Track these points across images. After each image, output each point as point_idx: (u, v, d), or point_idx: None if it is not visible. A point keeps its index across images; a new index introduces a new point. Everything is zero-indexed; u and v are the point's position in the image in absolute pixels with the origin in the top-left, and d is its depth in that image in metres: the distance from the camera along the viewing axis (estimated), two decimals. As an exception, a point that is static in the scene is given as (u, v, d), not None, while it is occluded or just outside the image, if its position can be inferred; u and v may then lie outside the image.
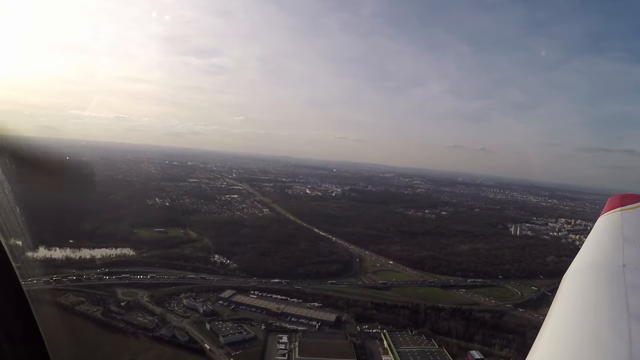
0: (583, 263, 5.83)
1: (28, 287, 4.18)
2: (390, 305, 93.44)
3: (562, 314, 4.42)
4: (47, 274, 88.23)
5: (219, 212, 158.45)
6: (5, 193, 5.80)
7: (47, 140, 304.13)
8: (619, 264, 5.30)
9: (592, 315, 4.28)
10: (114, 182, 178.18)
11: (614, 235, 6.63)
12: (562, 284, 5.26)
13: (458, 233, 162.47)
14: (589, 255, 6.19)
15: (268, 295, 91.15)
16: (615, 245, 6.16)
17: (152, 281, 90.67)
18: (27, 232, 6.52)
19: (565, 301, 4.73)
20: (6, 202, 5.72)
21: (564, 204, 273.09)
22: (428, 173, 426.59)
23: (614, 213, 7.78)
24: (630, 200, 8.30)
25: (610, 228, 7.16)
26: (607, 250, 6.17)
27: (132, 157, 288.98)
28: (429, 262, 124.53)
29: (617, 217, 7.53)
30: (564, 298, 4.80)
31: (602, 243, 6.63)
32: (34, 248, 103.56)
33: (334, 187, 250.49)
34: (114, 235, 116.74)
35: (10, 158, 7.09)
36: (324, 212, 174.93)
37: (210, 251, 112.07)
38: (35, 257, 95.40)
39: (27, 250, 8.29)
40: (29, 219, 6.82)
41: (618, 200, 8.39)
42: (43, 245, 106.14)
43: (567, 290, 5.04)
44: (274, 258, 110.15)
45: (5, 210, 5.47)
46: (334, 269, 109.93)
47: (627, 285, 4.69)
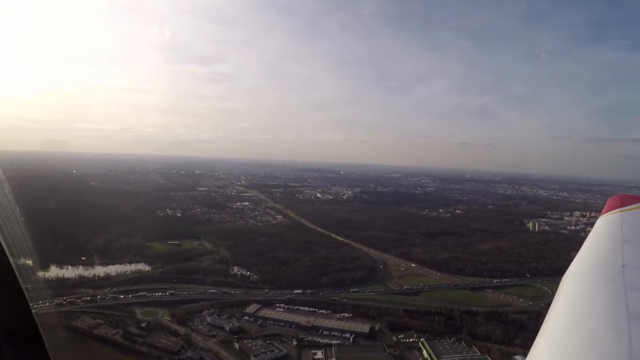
0: (582, 264, 5.69)
1: (41, 311, 4.15)
2: (424, 311, 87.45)
3: (561, 314, 4.35)
4: (60, 295, 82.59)
5: (232, 221, 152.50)
6: (13, 210, 5.41)
7: (54, 155, 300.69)
8: (619, 264, 5.17)
9: (592, 316, 4.19)
10: (123, 194, 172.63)
11: (614, 236, 6.43)
12: (562, 284, 5.14)
13: (477, 232, 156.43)
14: (588, 256, 6.06)
15: (295, 308, 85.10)
16: (614, 245, 5.98)
17: (171, 298, 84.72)
18: (38, 250, 6.72)
19: (565, 302, 4.65)
20: (13, 217, 5.30)
21: (575, 197, 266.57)
22: (435, 171, 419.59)
23: (613, 214, 7.53)
24: (629, 201, 8.02)
25: (610, 229, 6.92)
26: (606, 250, 6.01)
27: (138, 167, 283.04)
28: (453, 263, 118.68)
29: (616, 218, 7.30)
30: (563, 298, 4.71)
31: (601, 244, 6.47)
32: (45, 267, 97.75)
33: (344, 190, 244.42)
34: (128, 250, 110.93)
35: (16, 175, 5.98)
36: (338, 216, 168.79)
37: (228, 263, 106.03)
38: (47, 277, 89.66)
39: (38, 270, 9.15)
40: (40, 236, 6.76)
41: (617, 201, 8.11)
42: (55, 264, 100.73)
43: (566, 290, 4.94)
44: (295, 267, 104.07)
45: (12, 225, 5.04)
46: (359, 276, 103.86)
47: (627, 285, 4.55)
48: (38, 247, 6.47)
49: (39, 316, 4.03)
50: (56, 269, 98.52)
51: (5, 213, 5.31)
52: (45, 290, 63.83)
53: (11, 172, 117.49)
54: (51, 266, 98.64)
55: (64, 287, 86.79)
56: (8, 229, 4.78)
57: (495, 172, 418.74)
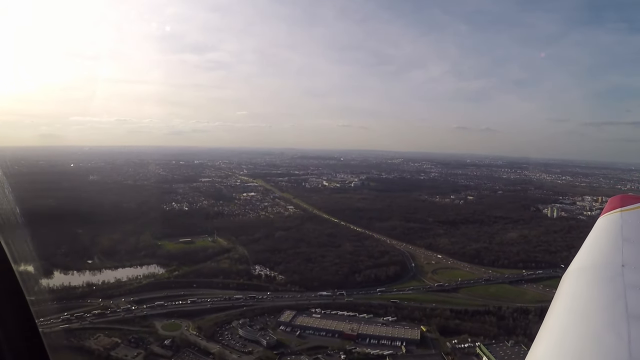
0: (583, 263, 5.59)
1: (47, 329, 3.79)
2: (472, 311, 78.13)
3: (561, 314, 4.28)
4: (67, 309, 70.48)
5: (243, 214, 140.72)
6: (13, 210, 5.05)
7: (50, 149, 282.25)
8: (619, 264, 5.08)
9: (592, 316, 4.13)
10: (124, 188, 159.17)
11: (614, 236, 6.29)
12: (562, 284, 5.05)
13: (497, 219, 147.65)
14: (588, 255, 5.91)
15: (333, 313, 74.77)
16: (614, 245, 5.84)
17: (194, 307, 73.43)
18: (39, 254, 5.76)
19: (564, 301, 4.58)
20: (14, 218, 4.93)
21: (579, 181, 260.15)
22: (435, 156, 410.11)
23: (613, 214, 7.31)
24: (630, 201, 7.73)
25: (610, 228, 6.76)
26: (606, 250, 5.86)
27: (137, 159, 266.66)
28: (485, 255, 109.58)
29: (617, 218, 7.08)
30: (563, 298, 4.64)
31: (601, 243, 6.30)
32: (48, 274, 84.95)
33: (350, 177, 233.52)
34: (137, 250, 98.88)
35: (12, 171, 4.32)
36: (351, 205, 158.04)
37: (249, 262, 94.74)
38: (51, 286, 76.97)
39: (40, 278, 7.20)
40: (40, 238, 5.58)
41: (618, 201, 7.80)
42: (58, 269, 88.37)
43: (566, 290, 4.87)
44: (322, 265, 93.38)
45: (13, 227, 4.67)
46: (392, 272, 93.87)
47: (627, 285, 4.48)
48: (39, 250, 4.97)
49: (46, 336, 3.64)
50: (60, 275, 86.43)
51: (6, 214, 4.71)
52: (49, 302, 51.47)
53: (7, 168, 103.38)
54: (54, 272, 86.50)
55: (70, 297, 74.79)
56: (9, 231, 4.13)
57: (495, 157, 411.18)
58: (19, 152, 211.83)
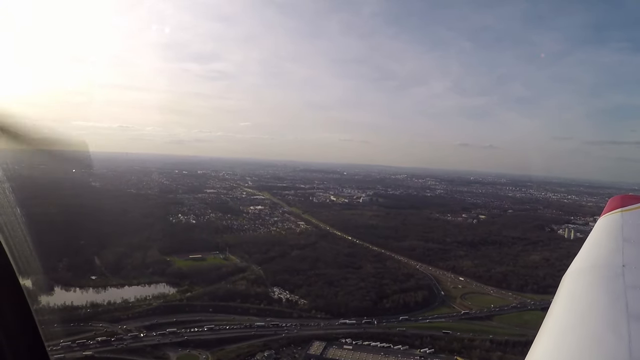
0: (583, 264, 5.50)
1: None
2: (513, 342, 70.55)
3: (561, 314, 4.24)
4: (68, 333, 61.69)
5: (253, 229, 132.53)
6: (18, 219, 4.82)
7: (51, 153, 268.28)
8: (619, 264, 4.98)
9: (592, 316, 4.07)
10: (128, 197, 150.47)
11: (614, 236, 6.13)
12: (562, 284, 4.97)
13: (515, 240, 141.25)
14: (588, 256, 5.79)
15: (366, 344, 66.79)
16: (615, 245, 5.73)
17: (212, 335, 65.03)
18: (40, 267, 5.23)
19: (564, 302, 4.52)
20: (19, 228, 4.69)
21: (585, 200, 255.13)
22: (438, 172, 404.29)
23: (614, 214, 7.13)
24: (630, 201, 7.53)
25: (610, 229, 6.59)
26: (606, 250, 5.74)
27: (139, 167, 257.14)
28: (512, 279, 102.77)
29: (617, 218, 6.90)
30: (563, 299, 4.58)
31: (602, 244, 6.15)
32: (48, 290, 76.19)
33: (356, 193, 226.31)
34: (144, 266, 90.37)
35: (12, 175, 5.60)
36: (364, 222, 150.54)
37: (266, 284, 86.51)
38: (51, 305, 67.98)
39: (40, 294, 7.37)
40: (40, 250, 5.25)
41: (618, 201, 7.60)
42: (59, 286, 79.52)
43: (566, 290, 4.80)
44: (346, 288, 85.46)
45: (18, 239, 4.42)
46: (420, 297, 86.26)
47: (627, 285, 4.40)
48: (39, 262, 4.81)
49: None
50: (61, 291, 77.61)
51: (11, 224, 4.38)
52: (49, 324, 42.83)
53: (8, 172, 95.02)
54: (55, 288, 77.62)
55: (72, 319, 66.05)
56: (14, 242, 3.87)
57: (498, 174, 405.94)
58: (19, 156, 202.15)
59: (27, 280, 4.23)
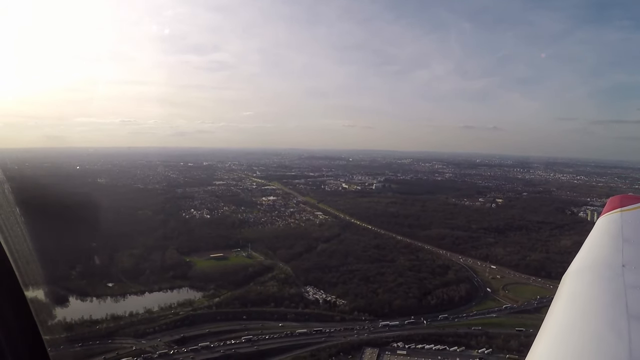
0: (582, 263, 5.39)
1: None
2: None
3: (561, 314, 4.19)
4: (89, 354, 53.93)
5: (271, 222, 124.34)
6: (20, 224, 4.59)
7: (54, 150, 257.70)
8: (619, 264, 4.92)
9: (592, 316, 4.03)
10: (136, 193, 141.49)
11: (614, 236, 5.95)
12: (562, 284, 4.85)
13: (540, 225, 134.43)
14: (588, 255, 5.67)
15: (419, 347, 59.60)
16: (614, 245, 5.62)
17: (251, 348, 57.38)
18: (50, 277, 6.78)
19: (564, 301, 4.44)
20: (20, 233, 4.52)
21: (595, 181, 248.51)
22: (443, 156, 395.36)
23: (613, 214, 6.87)
24: (630, 201, 7.28)
25: (610, 229, 6.35)
26: (606, 250, 5.63)
27: (143, 161, 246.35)
28: (549, 266, 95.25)
29: (616, 218, 6.65)
30: (563, 298, 4.49)
31: (601, 244, 5.97)
32: (62, 302, 66.75)
33: (367, 179, 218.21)
34: (163, 269, 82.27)
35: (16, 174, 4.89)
36: (383, 210, 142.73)
37: (298, 283, 78.80)
38: (66, 319, 58.86)
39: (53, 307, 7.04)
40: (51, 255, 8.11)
41: (618, 201, 7.34)
42: (74, 295, 71.44)
43: (566, 290, 4.69)
44: (385, 285, 77.93)
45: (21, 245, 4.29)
46: (463, 291, 79.03)
47: (627, 285, 4.36)
48: (50, 271, 3.46)
49: None
50: (76, 302, 69.65)
51: (13, 228, 4.21)
52: (65, 343, 34.48)
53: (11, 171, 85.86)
54: (70, 299, 69.62)
55: (92, 336, 58.31)
56: (16, 249, 3.75)
57: (503, 156, 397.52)
58: (23, 154, 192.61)
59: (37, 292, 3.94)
